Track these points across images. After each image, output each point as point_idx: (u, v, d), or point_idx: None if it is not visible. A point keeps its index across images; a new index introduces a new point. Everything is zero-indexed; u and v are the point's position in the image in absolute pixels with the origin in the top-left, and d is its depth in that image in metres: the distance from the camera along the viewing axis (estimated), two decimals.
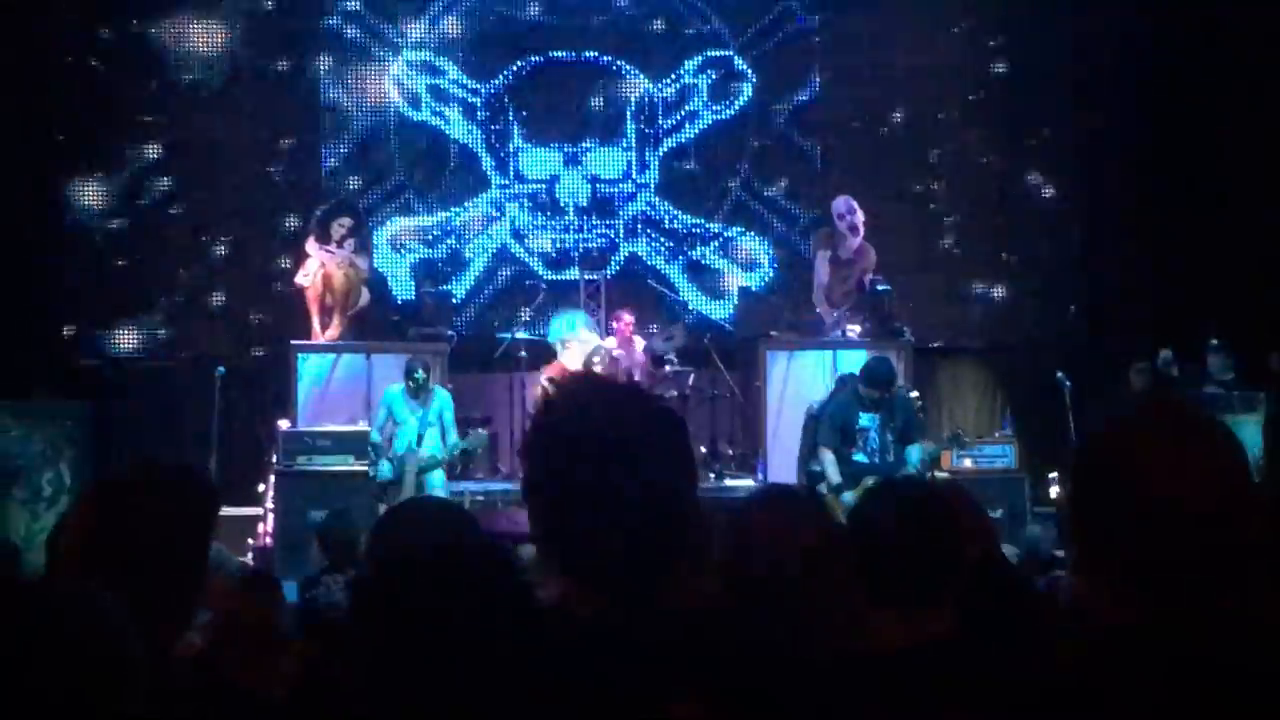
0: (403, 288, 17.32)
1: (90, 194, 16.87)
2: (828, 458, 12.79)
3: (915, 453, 12.86)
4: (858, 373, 13.12)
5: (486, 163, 17.67)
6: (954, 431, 15.09)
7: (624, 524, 2.45)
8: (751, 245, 17.85)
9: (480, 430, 14.43)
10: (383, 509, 10.48)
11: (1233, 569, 2.33)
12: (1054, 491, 14.60)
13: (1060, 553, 11.36)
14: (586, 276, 16.71)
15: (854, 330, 15.48)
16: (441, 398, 13.87)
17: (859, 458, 12.78)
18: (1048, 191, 18.01)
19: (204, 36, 17.11)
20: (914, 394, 14.38)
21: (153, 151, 16.94)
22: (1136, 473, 2.36)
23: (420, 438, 13.54)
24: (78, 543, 3.09)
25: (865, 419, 12.85)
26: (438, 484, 13.55)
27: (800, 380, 15.21)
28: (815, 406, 13.50)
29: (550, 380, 14.89)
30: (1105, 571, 2.41)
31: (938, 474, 14.32)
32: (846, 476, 12.55)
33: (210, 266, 17.03)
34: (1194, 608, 2.33)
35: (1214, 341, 15.12)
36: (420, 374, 13.66)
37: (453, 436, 13.78)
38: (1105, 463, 2.43)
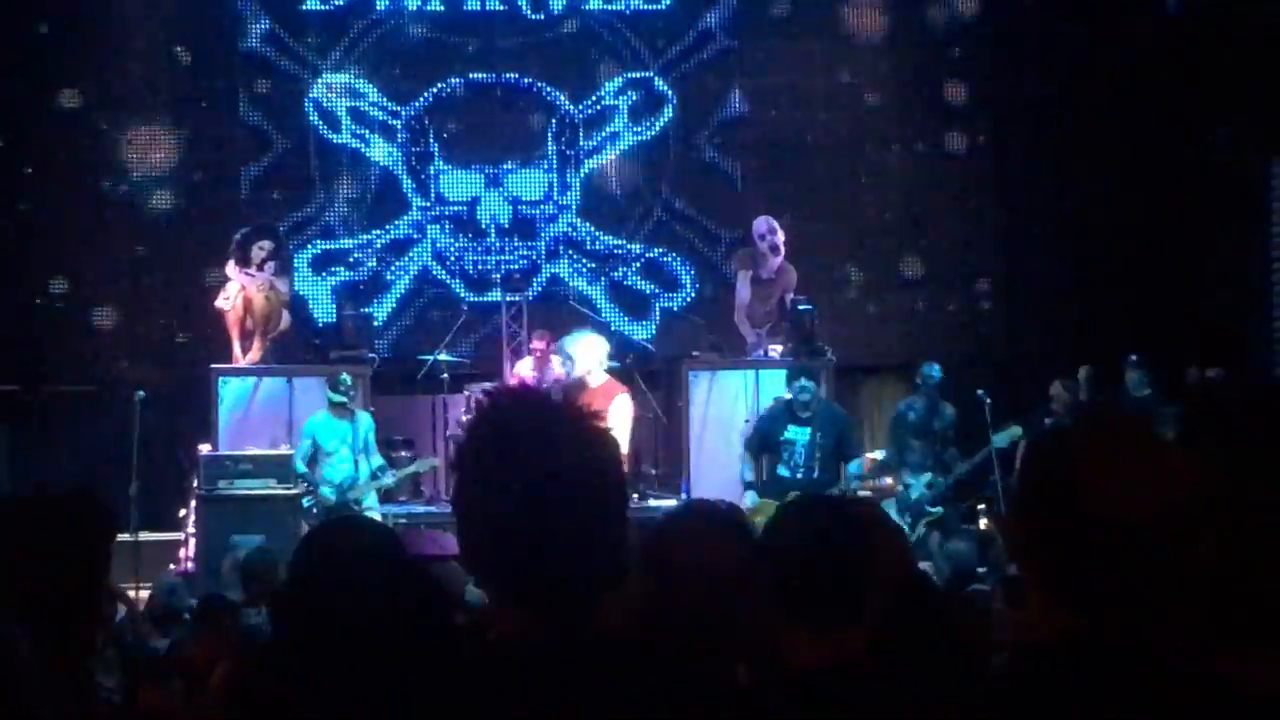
0: (324, 310, 17.22)
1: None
2: (745, 459, 12.96)
3: (853, 467, 12.98)
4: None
5: (407, 185, 17.60)
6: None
7: (550, 543, 2.41)
8: (673, 266, 17.83)
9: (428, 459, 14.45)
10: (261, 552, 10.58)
11: (1172, 579, 2.32)
12: (983, 523, 14.57)
13: (982, 569, 11.41)
14: (508, 298, 16.63)
15: (776, 350, 15.48)
16: (365, 421, 13.81)
17: (781, 471, 12.84)
18: (968, 209, 18.06)
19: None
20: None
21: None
22: (1078, 483, 2.36)
23: (356, 464, 13.48)
24: None
25: (792, 431, 12.91)
26: (375, 508, 13.52)
27: (722, 400, 15.22)
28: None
29: (483, 392, 14.83)
30: (1046, 583, 2.40)
31: (860, 492, 14.36)
32: (767, 487, 12.67)
33: (128, 289, 16.87)
34: (1132, 618, 2.32)
35: (1132, 357, 15.21)
36: (348, 379, 13.58)
37: (376, 459, 13.73)
38: (1048, 473, 2.43)
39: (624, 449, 12.04)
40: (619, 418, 12.37)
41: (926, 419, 14.09)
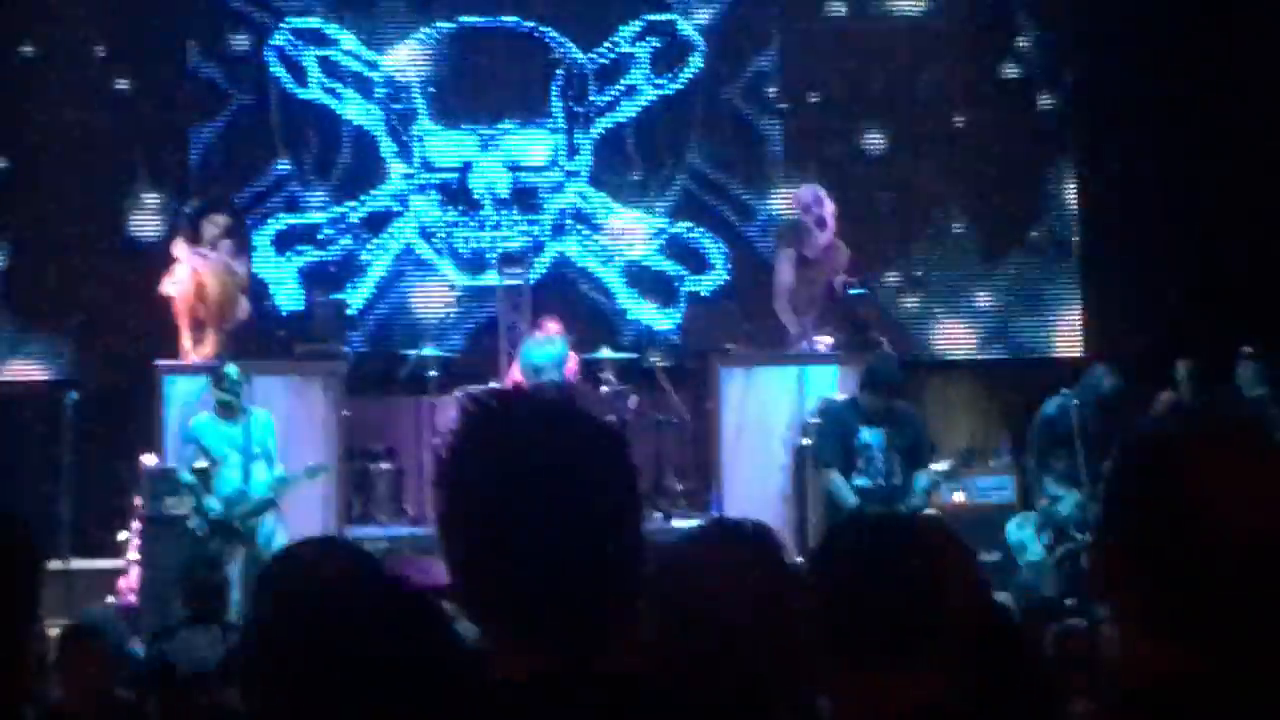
0: (289, 297, 17.22)
1: None
2: (834, 479, 12.70)
3: (922, 480, 12.78)
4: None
5: (387, 148, 17.60)
6: (967, 447, 15.03)
7: (557, 567, 2.38)
8: (701, 243, 17.79)
9: (316, 465, 14.15)
10: (208, 563, 10.70)
11: None
12: None
13: (1071, 601, 11.35)
14: (506, 282, 16.58)
15: (823, 342, 15.44)
16: (261, 422, 13.71)
17: (860, 481, 12.68)
18: (1045, 177, 17.96)
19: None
20: None
21: None
22: (1189, 499, 2.29)
23: (248, 474, 13.37)
24: None
25: (866, 434, 12.77)
26: (270, 531, 13.35)
27: (760, 401, 15.17)
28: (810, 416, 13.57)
29: (469, 396, 14.80)
30: (1151, 618, 2.33)
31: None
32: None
33: (58, 275, 16.86)
34: (1262, 653, 2.26)
35: (1245, 350, 15.12)
36: (234, 373, 13.52)
37: (278, 469, 13.59)
38: (1151, 488, 2.36)
39: None
40: None
41: (1083, 425, 13.82)
